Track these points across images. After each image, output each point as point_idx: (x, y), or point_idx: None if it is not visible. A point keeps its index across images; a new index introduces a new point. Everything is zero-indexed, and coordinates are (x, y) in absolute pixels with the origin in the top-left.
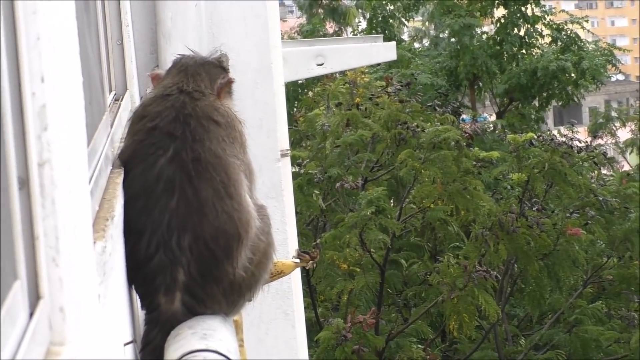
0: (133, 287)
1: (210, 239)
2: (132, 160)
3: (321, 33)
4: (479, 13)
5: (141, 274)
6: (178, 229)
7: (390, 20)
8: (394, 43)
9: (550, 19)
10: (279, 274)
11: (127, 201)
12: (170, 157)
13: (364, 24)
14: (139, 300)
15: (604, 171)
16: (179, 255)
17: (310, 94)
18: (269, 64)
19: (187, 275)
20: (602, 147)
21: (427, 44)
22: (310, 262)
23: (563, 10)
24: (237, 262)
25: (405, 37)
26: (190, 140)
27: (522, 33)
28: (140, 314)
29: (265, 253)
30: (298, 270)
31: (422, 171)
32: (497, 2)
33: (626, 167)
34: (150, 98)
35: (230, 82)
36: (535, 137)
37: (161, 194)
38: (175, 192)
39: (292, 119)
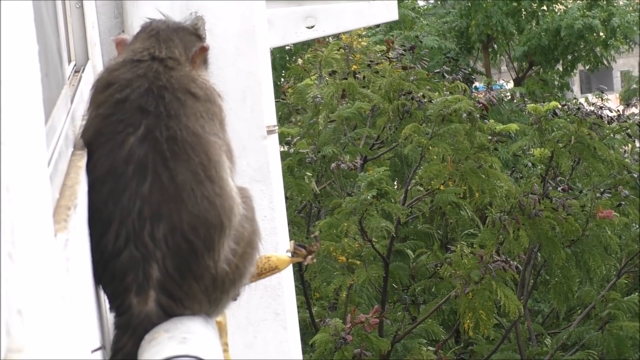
0: (100, 286)
1: (189, 229)
2: (97, 140)
3: None
4: None
5: (109, 271)
6: (151, 218)
7: None
8: (395, 1)
9: None
10: (273, 269)
11: (90, 187)
12: (141, 136)
13: None
14: (107, 301)
15: (638, 144)
16: (152, 248)
17: (300, 61)
18: (252, 27)
19: (162, 272)
20: (636, 117)
21: (433, 2)
22: (309, 257)
23: None
24: (219, 254)
25: None
26: (165, 117)
27: None
28: (110, 316)
29: (250, 242)
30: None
31: (430, 148)
32: None
33: None
34: (117, 62)
35: (204, 49)
36: (560, 106)
37: (131, 179)
38: (148, 176)
39: (279, 91)
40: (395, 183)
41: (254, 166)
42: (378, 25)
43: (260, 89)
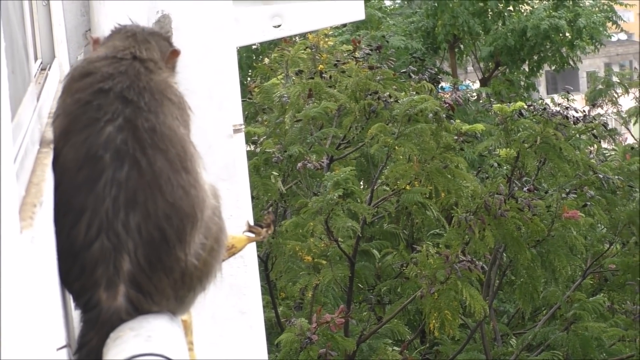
0: (66, 283)
1: (163, 217)
2: (73, 126)
3: None
4: None
5: (79, 263)
6: (126, 205)
7: None
8: (361, 1)
9: None
10: (230, 248)
11: (64, 173)
12: (120, 125)
13: None
14: (72, 299)
15: (604, 145)
16: (124, 238)
17: (266, 60)
18: (219, 25)
19: (134, 263)
20: (602, 118)
21: (399, 2)
22: (265, 230)
23: None
24: (190, 247)
25: None
26: (146, 110)
27: None
28: (75, 314)
29: (217, 239)
30: (255, 263)
31: (396, 148)
32: None
33: (630, 140)
34: (97, 56)
35: (176, 53)
36: (526, 106)
37: (108, 165)
38: (126, 162)
39: (245, 90)
40: (361, 183)
41: (219, 165)
42: (345, 25)
43: (226, 87)
